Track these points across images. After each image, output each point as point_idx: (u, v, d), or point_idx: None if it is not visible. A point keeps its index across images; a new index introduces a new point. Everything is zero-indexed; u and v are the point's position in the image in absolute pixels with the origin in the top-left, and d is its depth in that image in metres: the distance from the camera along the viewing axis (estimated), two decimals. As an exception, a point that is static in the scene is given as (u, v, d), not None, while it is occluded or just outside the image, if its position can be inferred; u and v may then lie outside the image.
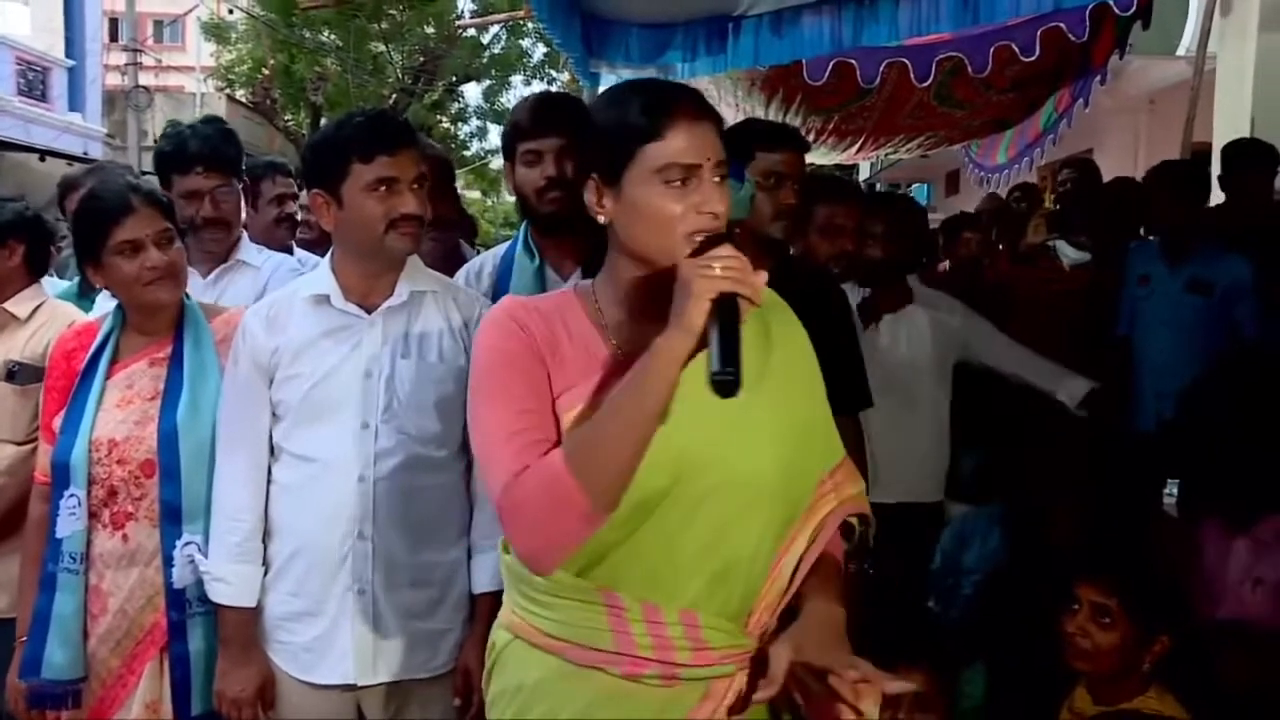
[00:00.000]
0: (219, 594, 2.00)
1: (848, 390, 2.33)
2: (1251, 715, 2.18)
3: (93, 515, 2.10)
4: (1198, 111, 5.35)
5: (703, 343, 1.28)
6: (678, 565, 1.38)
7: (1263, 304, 3.66)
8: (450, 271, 2.35)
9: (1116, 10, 4.16)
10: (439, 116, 23.51)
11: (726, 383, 1.25)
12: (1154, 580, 2.23)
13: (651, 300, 1.39)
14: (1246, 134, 5.58)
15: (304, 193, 2.38)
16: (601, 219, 1.41)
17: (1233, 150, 4.24)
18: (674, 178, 1.35)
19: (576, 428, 1.35)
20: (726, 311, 1.27)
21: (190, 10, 20.66)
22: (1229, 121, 6.08)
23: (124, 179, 2.19)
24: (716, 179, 1.38)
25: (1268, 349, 3.58)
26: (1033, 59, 4.55)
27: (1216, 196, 4.31)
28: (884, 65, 4.84)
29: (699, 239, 1.34)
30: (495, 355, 1.42)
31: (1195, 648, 2.15)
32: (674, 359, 1.27)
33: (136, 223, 2.10)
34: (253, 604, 2.00)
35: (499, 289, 2.23)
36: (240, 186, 2.78)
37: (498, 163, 24.73)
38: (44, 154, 13.95)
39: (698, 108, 1.40)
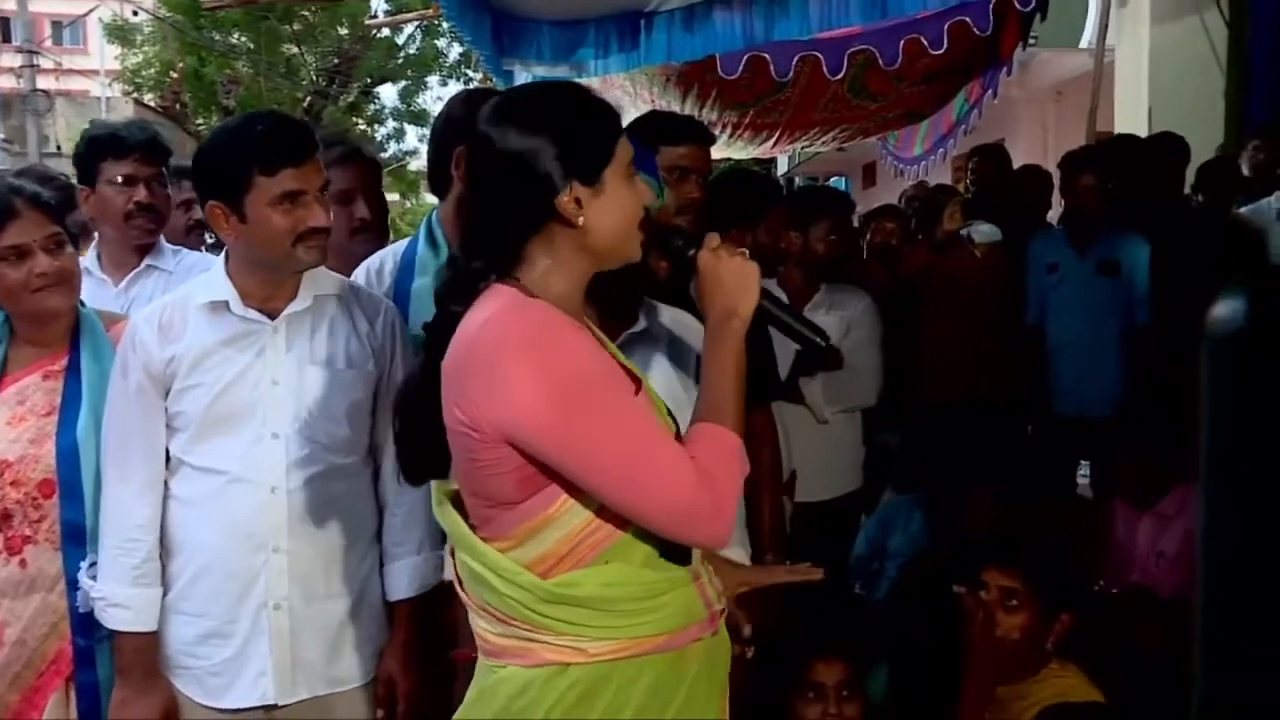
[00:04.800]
0: (116, 620, 1.89)
1: (759, 381, 2.35)
2: (1159, 679, 2.24)
3: None
4: (1100, 101, 5.51)
5: None
6: None
7: (1156, 284, 3.77)
8: None
9: (1017, 4, 4.27)
10: (355, 119, 23.15)
11: (829, 346, 1.64)
12: (1058, 558, 2.27)
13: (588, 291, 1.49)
14: (1145, 123, 5.78)
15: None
16: (580, 221, 1.39)
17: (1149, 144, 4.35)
18: (631, 171, 1.45)
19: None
20: (764, 289, 1.51)
21: (90, 11, 20.00)
22: (1128, 112, 6.27)
23: (5, 182, 2.09)
24: None
25: (1160, 331, 3.69)
26: (941, 52, 4.64)
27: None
28: (797, 59, 4.89)
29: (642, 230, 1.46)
30: (602, 369, 1.39)
31: (1105, 618, 2.21)
32: (745, 330, 1.48)
33: (22, 227, 2.00)
34: (154, 628, 1.91)
35: (400, 286, 2.18)
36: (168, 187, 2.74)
37: (415, 164, 24.50)
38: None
39: None
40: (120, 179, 2.60)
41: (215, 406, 1.88)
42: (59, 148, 16.04)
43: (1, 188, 2.05)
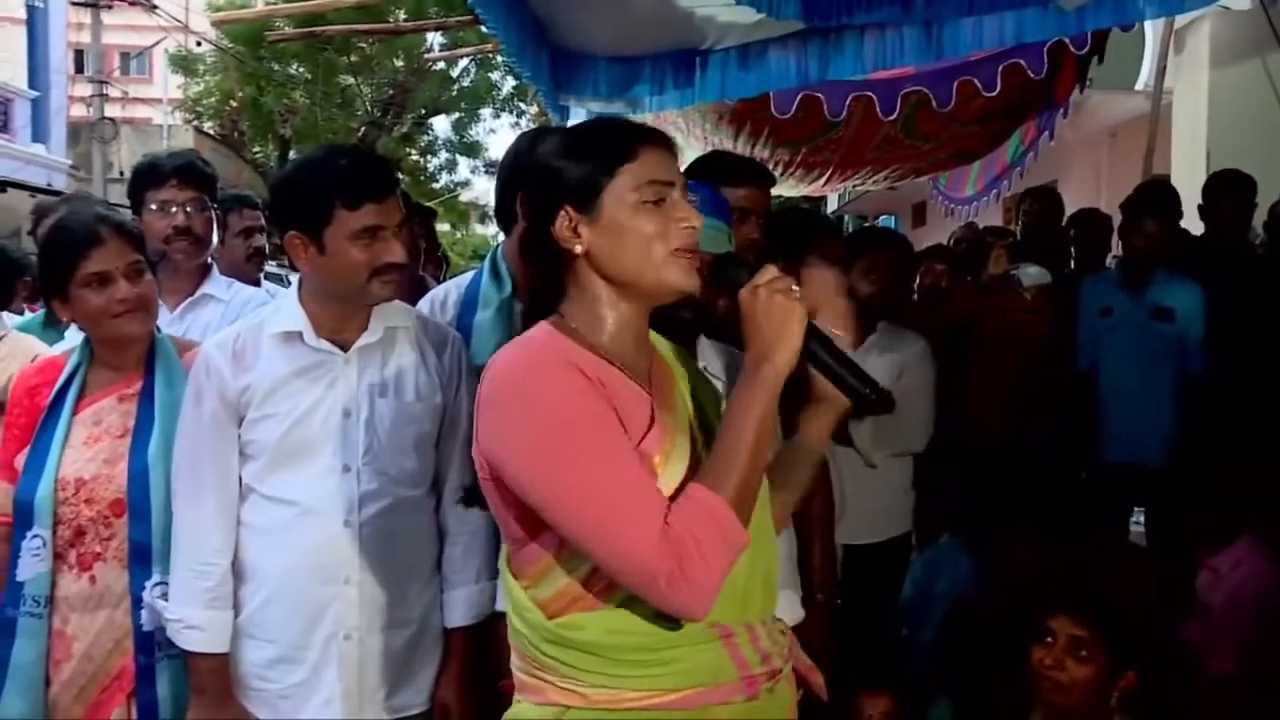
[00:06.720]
0: (191, 642, 1.92)
1: None
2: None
3: (58, 556, 2.04)
4: (1156, 144, 5.47)
5: None
6: (744, 577, 1.41)
7: (1212, 329, 3.71)
8: (414, 300, 2.33)
9: (1073, 49, 4.26)
10: (408, 149, 23.54)
11: (881, 398, 1.41)
12: (1129, 612, 2.22)
13: (641, 329, 1.46)
14: (1203, 166, 5.71)
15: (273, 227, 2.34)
16: (577, 249, 1.40)
17: (1215, 181, 4.25)
18: (650, 197, 1.39)
19: (671, 466, 1.36)
20: (815, 331, 1.40)
21: (158, 42, 20.57)
22: (1186, 154, 6.22)
23: (93, 209, 2.14)
24: (690, 197, 1.45)
25: (1215, 380, 3.63)
26: (995, 94, 4.65)
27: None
28: (850, 98, 4.90)
29: (685, 256, 1.40)
30: (582, 412, 1.32)
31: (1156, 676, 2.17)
32: (781, 383, 1.36)
33: (105, 254, 2.05)
34: (226, 649, 1.94)
35: (463, 320, 2.20)
36: (214, 210, 2.78)
37: (467, 195, 24.83)
38: (5, 185, 13.72)
39: (663, 136, 1.45)
40: (157, 205, 2.66)
41: (288, 438, 1.91)
42: (122, 173, 16.47)
43: (88, 215, 2.11)
